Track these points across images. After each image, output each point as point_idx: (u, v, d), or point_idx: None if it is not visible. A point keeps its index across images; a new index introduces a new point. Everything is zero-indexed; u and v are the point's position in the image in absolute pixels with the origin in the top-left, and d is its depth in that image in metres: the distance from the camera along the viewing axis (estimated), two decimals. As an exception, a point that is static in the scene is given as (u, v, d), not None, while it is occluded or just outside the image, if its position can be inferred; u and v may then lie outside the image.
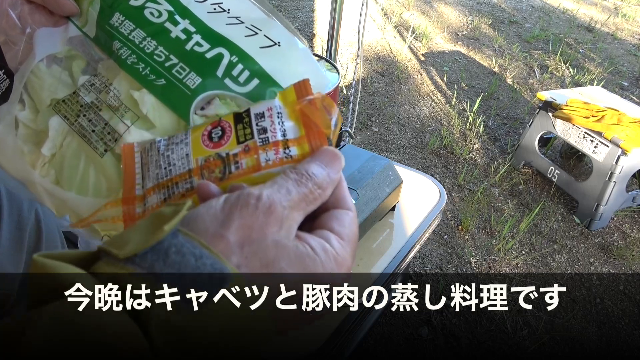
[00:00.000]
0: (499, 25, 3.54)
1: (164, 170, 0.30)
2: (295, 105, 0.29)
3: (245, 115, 0.30)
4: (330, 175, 0.27)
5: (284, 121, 0.29)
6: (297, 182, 0.25)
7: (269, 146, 0.28)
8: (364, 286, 0.82)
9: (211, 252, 0.21)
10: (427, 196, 1.02)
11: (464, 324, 1.28)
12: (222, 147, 0.29)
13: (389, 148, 2.05)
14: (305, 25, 3.24)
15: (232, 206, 0.23)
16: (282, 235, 0.23)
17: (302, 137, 0.28)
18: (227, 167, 0.28)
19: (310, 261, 0.24)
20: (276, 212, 0.23)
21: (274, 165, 0.27)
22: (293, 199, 0.25)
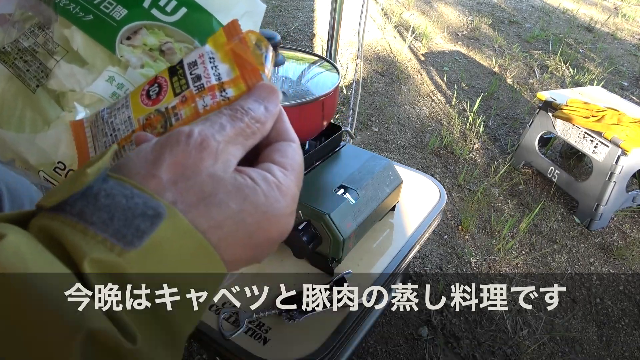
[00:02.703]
0: (499, 25, 3.54)
1: (110, 137, 0.31)
2: (226, 46, 0.29)
3: (179, 67, 0.30)
4: (268, 109, 0.26)
5: (217, 65, 0.29)
6: (231, 117, 0.25)
7: (204, 92, 0.28)
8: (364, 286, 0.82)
9: (143, 190, 0.21)
10: (427, 196, 1.02)
11: (464, 324, 1.28)
12: (160, 103, 0.29)
13: (389, 148, 2.05)
14: (305, 25, 3.24)
15: (162, 145, 0.23)
16: (218, 169, 0.23)
17: (237, 77, 0.28)
18: (168, 120, 0.28)
19: (250, 191, 0.23)
20: (209, 146, 0.23)
21: (212, 109, 0.27)
22: (228, 134, 0.24)
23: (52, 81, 0.49)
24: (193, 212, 0.22)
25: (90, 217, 0.20)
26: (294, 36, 3.06)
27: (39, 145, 0.50)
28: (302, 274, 0.79)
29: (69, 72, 0.48)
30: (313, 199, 0.76)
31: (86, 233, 0.20)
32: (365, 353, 1.18)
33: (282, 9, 3.52)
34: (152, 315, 0.21)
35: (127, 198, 0.21)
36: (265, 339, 0.67)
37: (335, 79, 0.88)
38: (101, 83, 0.51)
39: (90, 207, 0.20)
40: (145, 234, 0.20)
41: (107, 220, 0.20)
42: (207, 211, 0.22)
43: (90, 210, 0.20)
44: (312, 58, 0.97)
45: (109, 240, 0.20)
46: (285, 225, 0.25)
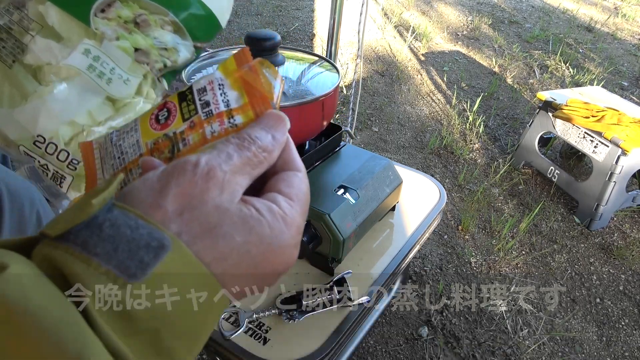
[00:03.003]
0: (499, 25, 3.54)
1: (118, 160, 0.31)
2: (236, 73, 0.29)
3: (188, 92, 0.30)
4: (275, 138, 0.26)
5: (226, 92, 0.29)
6: (238, 146, 0.25)
7: (213, 118, 0.28)
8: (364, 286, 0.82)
9: (147, 221, 0.21)
10: (427, 196, 1.02)
11: (464, 324, 1.29)
12: (169, 128, 0.29)
13: (389, 148, 2.05)
14: (305, 25, 3.24)
15: (169, 175, 0.23)
16: (224, 199, 0.23)
17: (246, 105, 0.28)
18: (175, 145, 0.28)
19: (255, 222, 0.23)
20: (216, 176, 0.23)
21: (220, 136, 0.27)
22: (235, 163, 0.24)
23: (28, 56, 0.50)
24: (198, 243, 0.22)
25: (94, 247, 0.20)
26: (294, 36, 3.06)
27: (18, 119, 0.51)
28: (302, 274, 0.79)
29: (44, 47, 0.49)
30: (313, 199, 0.75)
31: (89, 264, 0.20)
32: (365, 353, 1.18)
33: (282, 9, 3.52)
34: (154, 347, 0.20)
35: (131, 229, 0.21)
36: (265, 339, 0.67)
37: (335, 79, 0.88)
38: (77, 56, 0.53)
39: (94, 238, 0.20)
40: (149, 266, 0.20)
41: (111, 251, 0.20)
42: (212, 243, 0.22)
43: (94, 240, 0.20)
44: (312, 58, 0.97)
45: (112, 271, 0.20)
46: (290, 256, 0.25)
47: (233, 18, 3.26)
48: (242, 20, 3.25)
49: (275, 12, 3.45)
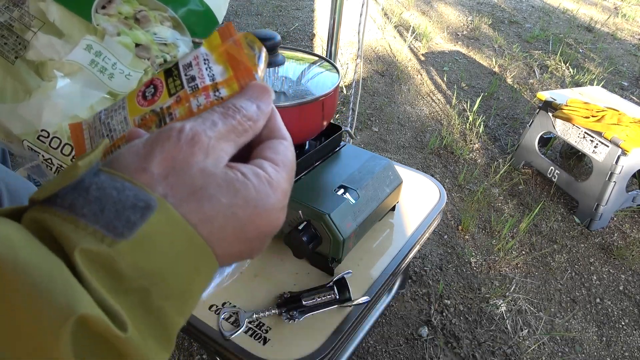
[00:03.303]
0: (499, 25, 3.54)
1: (107, 138, 0.31)
2: (220, 48, 0.29)
3: (174, 69, 0.31)
4: (260, 107, 0.27)
5: (211, 65, 0.29)
6: (223, 114, 0.25)
7: (198, 92, 0.29)
8: (364, 286, 0.82)
9: (134, 183, 0.21)
10: (427, 196, 1.02)
11: (464, 324, 1.28)
12: (155, 103, 0.30)
13: (389, 148, 2.05)
14: (305, 25, 3.24)
15: (154, 141, 0.23)
16: (209, 164, 0.23)
17: (230, 77, 0.29)
18: (162, 120, 0.29)
19: (241, 185, 0.23)
20: (201, 141, 0.23)
21: (206, 109, 0.28)
22: (219, 130, 0.24)
23: (30, 52, 0.52)
24: (184, 206, 0.22)
25: (81, 209, 0.20)
26: (294, 36, 3.06)
27: (21, 114, 0.53)
28: (302, 274, 0.79)
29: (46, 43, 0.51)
30: (313, 199, 0.75)
31: (77, 224, 0.20)
32: (365, 353, 1.18)
33: (282, 9, 3.52)
34: (143, 307, 0.21)
35: (118, 190, 0.21)
36: (265, 339, 0.67)
37: (335, 79, 0.88)
38: (79, 51, 0.55)
39: (81, 200, 0.21)
40: (136, 225, 0.20)
41: (98, 212, 0.20)
42: (198, 205, 0.22)
43: (81, 202, 0.20)
44: (312, 58, 0.97)
45: (99, 231, 0.20)
46: (276, 219, 0.25)
47: (233, 18, 3.26)
48: (242, 20, 3.25)
49: (275, 12, 3.45)
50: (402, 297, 1.34)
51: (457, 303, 1.34)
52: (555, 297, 1.41)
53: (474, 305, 1.34)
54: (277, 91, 0.89)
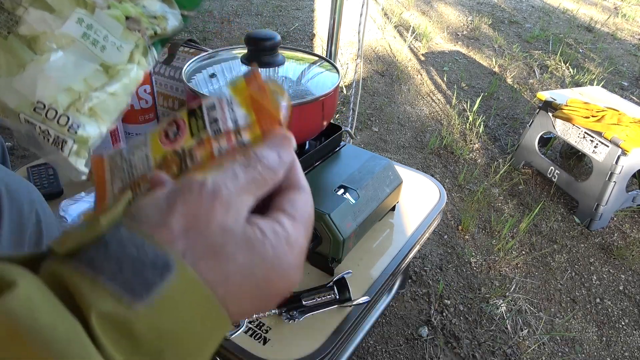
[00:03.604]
0: (499, 25, 3.54)
1: (127, 174, 0.31)
2: (245, 92, 0.29)
3: (198, 109, 0.30)
4: (282, 157, 0.26)
5: (235, 109, 0.29)
6: (245, 165, 0.25)
7: (221, 136, 0.28)
8: (364, 286, 0.82)
9: (153, 240, 0.21)
10: (427, 196, 1.02)
11: (464, 324, 1.28)
12: (178, 144, 0.30)
13: (389, 148, 2.05)
14: (305, 25, 3.24)
15: (175, 194, 0.23)
16: (229, 220, 0.23)
17: (254, 123, 0.28)
18: (184, 162, 0.29)
19: (259, 244, 0.23)
20: (222, 196, 0.23)
21: (228, 154, 0.28)
22: (241, 183, 0.24)
23: (22, 27, 0.54)
24: (202, 263, 0.22)
25: (100, 266, 0.20)
26: (294, 36, 3.06)
27: (16, 87, 0.55)
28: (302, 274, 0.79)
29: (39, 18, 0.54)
30: (313, 199, 0.76)
31: (95, 283, 0.20)
32: (365, 353, 1.18)
33: (282, 9, 3.52)
34: None
35: (137, 248, 0.21)
36: (265, 339, 0.67)
37: (335, 79, 0.88)
38: (72, 24, 0.57)
39: (101, 256, 0.20)
40: (154, 287, 0.20)
41: (117, 270, 0.20)
42: (215, 264, 0.22)
43: (101, 259, 0.20)
44: (312, 58, 0.97)
45: (117, 291, 0.20)
46: (292, 278, 0.25)
47: (233, 18, 3.26)
48: (242, 20, 3.25)
49: (275, 12, 3.45)
50: (402, 297, 1.34)
51: (457, 303, 1.34)
52: (555, 297, 1.41)
53: (474, 305, 1.34)
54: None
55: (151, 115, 1.02)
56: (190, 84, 0.82)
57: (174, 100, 1.12)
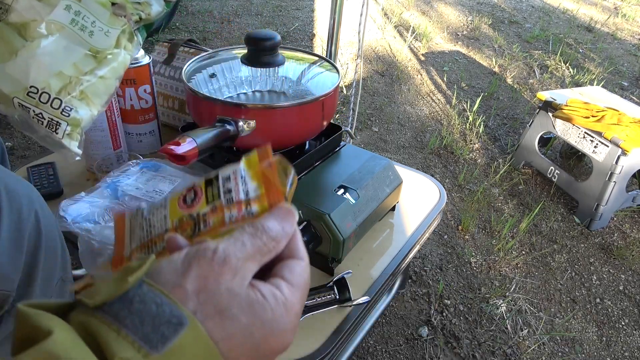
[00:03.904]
0: (499, 25, 3.54)
1: (146, 232, 0.35)
2: (257, 167, 0.33)
3: (215, 179, 0.34)
4: (284, 229, 0.30)
5: (247, 182, 0.33)
6: (252, 235, 0.29)
7: (233, 205, 0.32)
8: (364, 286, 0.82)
9: (170, 299, 0.25)
10: (427, 196, 1.02)
11: (464, 324, 1.28)
12: (194, 209, 0.34)
13: (389, 148, 2.05)
14: (305, 25, 3.24)
15: (191, 258, 0.27)
16: (235, 284, 0.26)
17: (262, 196, 0.32)
18: (197, 225, 0.33)
19: (260, 307, 0.27)
20: (230, 263, 0.27)
21: (237, 222, 0.32)
22: (247, 251, 0.28)
23: (12, 15, 0.56)
24: (210, 322, 0.25)
25: (124, 319, 0.24)
26: (294, 36, 3.06)
27: (10, 73, 0.58)
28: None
29: (27, 5, 0.57)
30: (313, 199, 0.75)
31: (119, 333, 0.23)
32: (365, 353, 1.18)
33: (282, 9, 3.52)
34: None
35: (157, 305, 0.24)
36: (265, 339, 0.67)
37: (335, 79, 0.88)
38: (60, 11, 0.60)
39: (125, 311, 0.24)
40: (169, 340, 0.24)
41: (138, 324, 0.24)
42: (221, 323, 0.26)
43: (125, 313, 0.24)
44: (312, 58, 0.97)
45: (137, 342, 0.23)
46: (288, 339, 0.28)
47: (233, 18, 3.26)
48: (242, 20, 3.25)
49: (275, 12, 3.45)
50: (402, 297, 1.34)
51: (457, 303, 1.34)
52: (555, 297, 1.41)
53: (474, 305, 1.34)
54: (277, 91, 0.89)
55: (151, 115, 1.02)
56: (190, 84, 0.82)
57: (174, 100, 1.12)
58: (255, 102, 0.85)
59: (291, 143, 0.87)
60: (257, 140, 0.79)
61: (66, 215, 0.70)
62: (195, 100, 0.81)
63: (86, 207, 0.74)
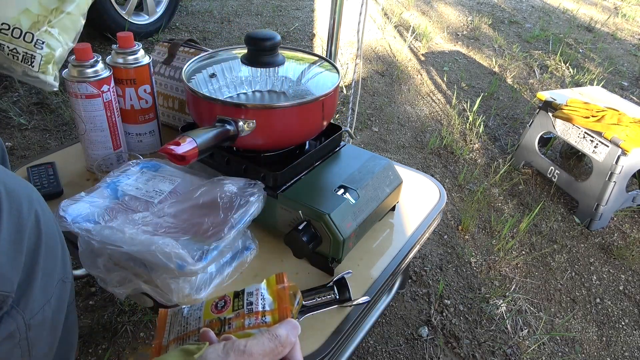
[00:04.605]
0: (499, 25, 3.54)
1: (183, 328, 0.47)
2: (274, 287, 0.46)
3: (241, 293, 0.46)
4: (289, 338, 0.40)
5: (265, 298, 0.45)
6: (269, 339, 0.39)
7: (252, 314, 0.44)
8: (364, 286, 0.82)
9: None
10: (427, 196, 1.02)
11: (464, 324, 1.28)
12: (222, 313, 0.45)
13: (389, 148, 2.05)
14: (305, 25, 3.24)
15: (229, 349, 0.37)
16: None
17: (275, 310, 0.44)
18: (223, 326, 0.44)
19: None
20: (254, 356, 0.37)
21: (253, 327, 0.43)
22: (265, 350, 0.38)
23: None
24: None
25: None
26: (294, 36, 3.06)
27: None
28: (303, 274, 0.79)
29: None
30: (313, 199, 0.75)
31: None
32: (365, 353, 1.18)
33: (282, 9, 3.52)
34: None
35: None
36: (265, 339, 0.67)
37: (335, 79, 0.88)
38: None
39: None
40: None
41: None
42: None
43: None
44: (312, 58, 0.97)
45: None
46: None
47: (233, 18, 3.26)
48: (242, 20, 3.25)
49: (275, 12, 3.45)
50: (402, 297, 1.34)
51: (457, 303, 1.34)
52: (555, 297, 1.41)
53: (474, 305, 1.34)
54: (278, 91, 0.89)
55: (151, 115, 1.02)
56: (190, 84, 0.82)
57: (174, 100, 1.12)
58: (255, 102, 0.85)
59: (291, 143, 0.87)
60: (257, 140, 0.79)
61: (66, 215, 0.70)
62: (195, 100, 0.81)
63: (86, 207, 0.74)
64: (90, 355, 1.11)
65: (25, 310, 0.51)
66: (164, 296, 0.67)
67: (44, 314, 0.55)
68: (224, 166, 0.86)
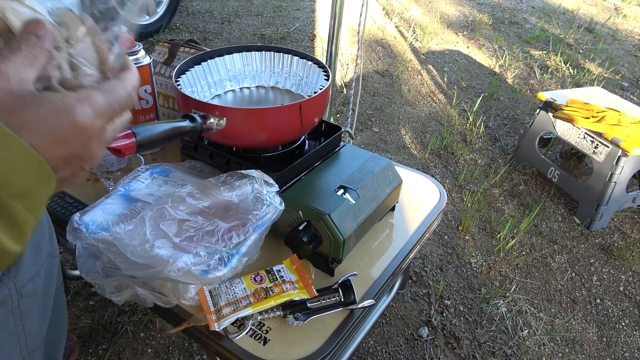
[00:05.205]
0: (499, 26, 3.54)
1: (232, 296, 0.67)
2: (291, 266, 0.74)
3: (270, 270, 0.72)
4: None
5: (289, 274, 0.72)
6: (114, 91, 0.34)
7: (286, 282, 0.70)
8: (364, 286, 0.82)
9: None
10: (427, 196, 1.02)
11: (464, 324, 1.28)
12: (262, 284, 0.69)
13: (389, 148, 2.05)
14: (305, 25, 3.25)
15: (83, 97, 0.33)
16: None
17: (299, 280, 0.71)
18: (267, 293, 0.68)
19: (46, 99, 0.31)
20: None
21: (288, 290, 0.69)
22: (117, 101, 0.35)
23: None
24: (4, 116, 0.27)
25: None
26: (294, 36, 3.06)
27: None
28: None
29: None
30: (313, 199, 0.75)
31: None
32: (365, 353, 1.18)
33: (282, 9, 3.52)
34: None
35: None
36: (266, 339, 0.67)
37: (324, 82, 0.87)
38: None
39: None
40: None
41: None
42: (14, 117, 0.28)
43: None
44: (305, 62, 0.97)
45: None
46: (78, 117, 0.30)
47: (233, 18, 3.26)
48: (243, 20, 3.25)
49: (276, 12, 3.45)
50: (403, 298, 1.34)
51: (457, 303, 1.34)
52: (556, 298, 1.41)
53: (474, 305, 1.34)
54: (281, 89, 0.88)
55: (151, 115, 1.02)
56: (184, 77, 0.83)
57: (174, 101, 1.12)
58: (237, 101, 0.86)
59: (270, 143, 0.86)
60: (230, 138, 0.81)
61: (81, 227, 0.68)
62: (176, 94, 0.83)
63: (100, 214, 0.73)
64: (91, 355, 1.11)
65: (16, 277, 0.52)
66: (161, 299, 0.67)
67: (35, 285, 0.56)
68: (224, 166, 0.86)
